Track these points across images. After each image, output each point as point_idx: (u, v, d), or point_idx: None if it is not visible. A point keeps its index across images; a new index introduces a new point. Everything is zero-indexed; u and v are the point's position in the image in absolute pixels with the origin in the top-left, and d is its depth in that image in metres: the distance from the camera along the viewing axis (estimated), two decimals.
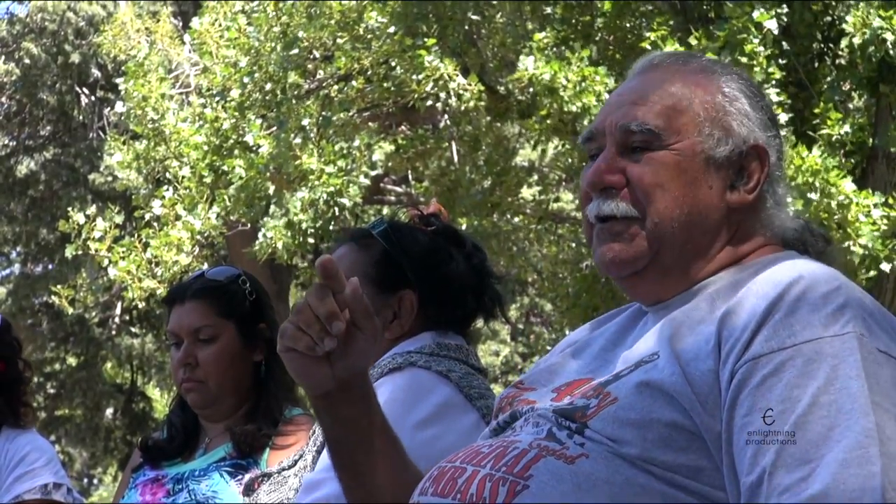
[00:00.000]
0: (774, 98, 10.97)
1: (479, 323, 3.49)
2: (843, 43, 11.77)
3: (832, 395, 2.03)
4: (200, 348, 4.02)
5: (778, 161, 2.46)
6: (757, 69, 10.91)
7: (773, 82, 11.04)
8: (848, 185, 10.75)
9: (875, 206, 10.82)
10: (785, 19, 11.62)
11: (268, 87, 13.72)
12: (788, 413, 2.04)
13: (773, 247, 2.44)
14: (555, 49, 12.43)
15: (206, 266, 13.07)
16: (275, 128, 13.47)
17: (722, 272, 2.37)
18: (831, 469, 1.96)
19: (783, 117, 11.01)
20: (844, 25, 11.63)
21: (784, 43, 11.87)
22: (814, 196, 10.65)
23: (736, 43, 10.99)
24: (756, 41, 10.90)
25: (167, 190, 14.09)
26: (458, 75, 13.04)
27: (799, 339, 2.10)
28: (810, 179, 10.62)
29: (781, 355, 2.09)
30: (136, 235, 14.22)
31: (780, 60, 11.54)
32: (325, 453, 3.01)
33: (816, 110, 11.70)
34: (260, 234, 12.96)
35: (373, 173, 13.83)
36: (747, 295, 2.20)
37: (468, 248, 3.42)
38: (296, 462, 3.25)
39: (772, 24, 11.05)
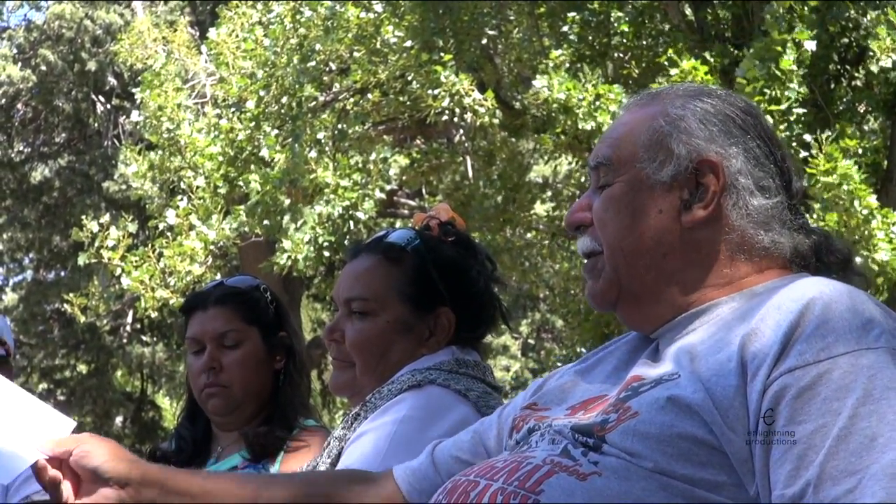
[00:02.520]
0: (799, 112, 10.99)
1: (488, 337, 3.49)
2: (871, 66, 11.76)
3: (872, 406, 2.01)
4: (225, 354, 4.01)
5: (751, 169, 2.40)
6: (791, 84, 10.89)
7: (800, 100, 11.04)
8: (872, 199, 10.74)
9: (894, 224, 10.81)
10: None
11: (283, 99, 13.75)
12: (830, 426, 2.02)
13: (779, 270, 2.40)
14: (570, 67, 12.45)
15: (219, 276, 13.12)
16: (290, 140, 13.48)
17: (725, 296, 2.35)
18: (882, 482, 1.94)
19: (807, 137, 11.01)
20: (870, 42, 11.62)
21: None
22: (835, 205, 10.63)
23: (770, 58, 10.95)
24: (791, 58, 10.87)
25: (181, 200, 14.12)
26: (473, 90, 13.05)
27: (834, 353, 2.08)
28: (836, 182, 10.56)
29: (818, 368, 2.08)
30: (149, 245, 14.23)
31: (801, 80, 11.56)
32: (341, 464, 3.01)
33: (837, 125, 11.70)
34: (282, 247, 12.95)
35: (388, 187, 13.85)
36: (768, 313, 2.18)
37: (481, 258, 3.42)
38: None
39: (811, 45, 11.03)
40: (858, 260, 10.45)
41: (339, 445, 3.09)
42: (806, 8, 11.29)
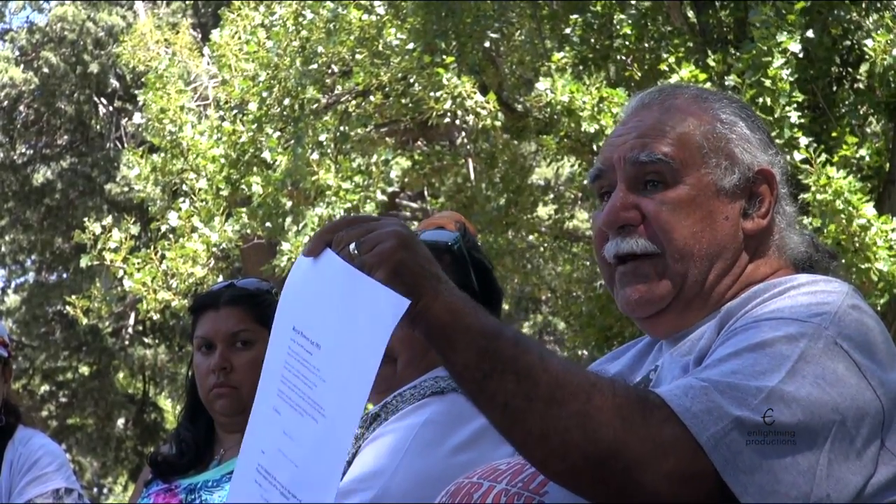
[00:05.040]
0: (795, 120, 10.97)
1: None
2: (863, 68, 11.78)
3: (756, 354, 2.06)
4: (236, 353, 4.00)
5: (783, 178, 2.47)
6: (781, 91, 10.90)
7: (795, 105, 11.04)
8: (869, 209, 10.73)
9: (893, 230, 10.80)
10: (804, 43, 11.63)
11: (286, 101, 13.74)
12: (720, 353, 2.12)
13: (785, 270, 2.45)
14: (572, 69, 12.44)
15: (221, 278, 13.12)
16: (292, 142, 13.48)
17: (736, 299, 2.37)
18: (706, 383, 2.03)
19: (803, 140, 11.01)
20: (865, 49, 11.63)
21: (806, 67, 11.87)
22: (834, 216, 10.63)
23: (760, 65, 10.97)
24: (779, 64, 10.88)
25: (183, 202, 14.11)
26: (476, 93, 13.04)
27: (762, 317, 2.15)
28: (831, 198, 10.59)
29: (738, 328, 2.17)
30: (151, 247, 14.23)
31: (799, 83, 11.54)
32: (356, 463, 3.01)
33: (834, 134, 11.70)
34: (282, 249, 12.95)
35: (390, 190, 13.84)
36: (747, 301, 2.26)
37: (488, 262, 3.43)
38: None
39: (795, 48, 11.04)
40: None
41: (357, 445, 3.10)
42: (792, 13, 11.29)
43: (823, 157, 10.92)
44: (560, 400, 1.98)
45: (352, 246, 2.17)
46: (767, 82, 10.89)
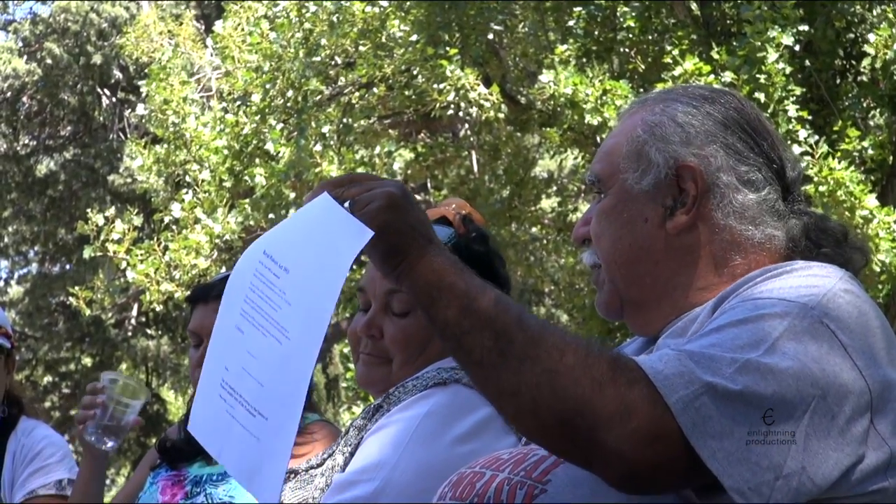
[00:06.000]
0: (793, 114, 10.97)
1: None
2: (865, 62, 11.78)
3: (737, 329, 2.07)
4: None
5: (734, 165, 2.43)
6: (778, 84, 10.91)
7: (793, 98, 11.04)
8: (871, 200, 10.74)
9: (895, 222, 10.81)
10: (806, 37, 11.63)
11: (289, 93, 13.74)
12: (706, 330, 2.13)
13: (771, 261, 2.41)
14: (576, 62, 12.44)
15: (224, 269, 13.11)
16: (295, 133, 13.49)
17: (731, 285, 2.36)
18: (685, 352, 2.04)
19: (802, 133, 11.01)
20: (866, 46, 11.63)
21: (807, 60, 11.87)
22: (836, 208, 10.64)
23: (755, 60, 10.99)
24: (773, 59, 10.89)
25: (187, 193, 14.12)
26: (479, 85, 13.04)
27: (749, 298, 2.16)
28: (834, 190, 10.61)
29: (726, 308, 2.18)
30: (154, 238, 14.24)
31: (802, 77, 11.54)
32: (359, 454, 3.01)
33: (836, 127, 11.70)
34: None
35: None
36: (741, 285, 2.26)
37: (499, 255, 3.42)
38: (324, 461, 3.22)
39: (788, 41, 11.04)
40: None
41: (359, 435, 3.09)
42: (786, 7, 11.29)
43: (825, 148, 10.93)
44: (533, 357, 2.03)
45: (347, 203, 2.26)
46: (762, 78, 10.90)
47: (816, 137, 11.10)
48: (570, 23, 13.23)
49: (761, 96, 10.86)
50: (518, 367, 2.03)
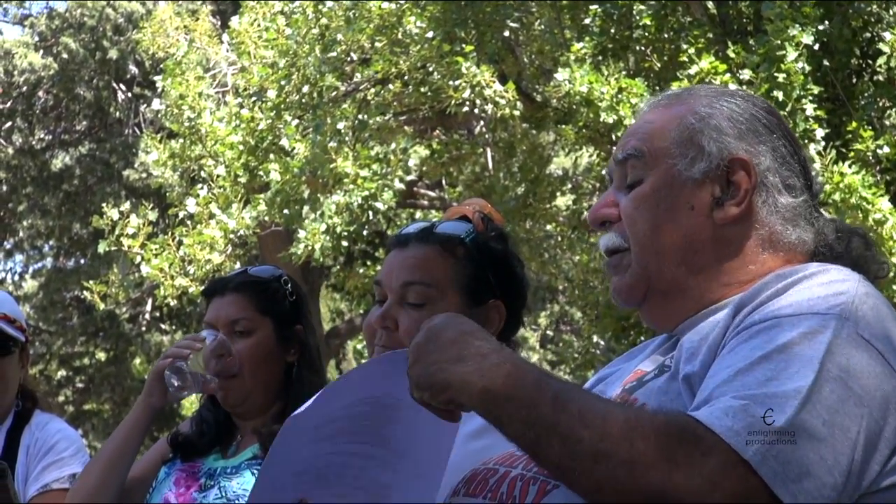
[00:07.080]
0: (811, 113, 10.95)
1: None
2: (881, 61, 11.75)
3: (784, 356, 2.04)
4: (236, 341, 4.03)
5: (778, 168, 2.44)
6: (796, 83, 10.90)
7: (811, 97, 11.01)
8: (885, 203, 10.71)
9: None
10: (823, 36, 11.61)
11: (304, 89, 13.76)
12: (738, 363, 2.08)
13: (793, 261, 2.42)
14: (592, 60, 12.43)
15: (238, 265, 13.13)
16: (310, 129, 13.50)
17: (742, 292, 2.35)
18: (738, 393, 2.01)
19: (819, 132, 10.99)
20: (882, 45, 11.60)
21: (823, 59, 11.85)
22: (849, 212, 10.61)
23: (774, 59, 10.97)
24: (793, 57, 10.87)
25: (202, 188, 14.15)
26: (494, 82, 13.04)
27: (782, 313, 2.12)
28: (846, 196, 10.58)
29: (760, 326, 2.12)
30: (169, 233, 14.26)
31: (818, 76, 11.52)
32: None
33: (849, 128, 11.67)
34: (299, 236, 12.97)
35: (408, 178, 13.84)
36: (759, 291, 2.23)
37: (517, 254, 3.42)
38: None
39: (808, 40, 11.03)
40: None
41: None
42: (807, 6, 11.27)
43: (834, 153, 10.91)
44: (605, 453, 1.99)
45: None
46: (781, 77, 10.88)
47: (832, 139, 11.09)
48: (586, 21, 13.21)
49: (779, 95, 10.85)
50: (592, 466, 2.00)
